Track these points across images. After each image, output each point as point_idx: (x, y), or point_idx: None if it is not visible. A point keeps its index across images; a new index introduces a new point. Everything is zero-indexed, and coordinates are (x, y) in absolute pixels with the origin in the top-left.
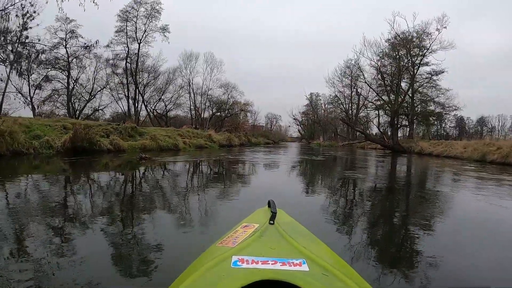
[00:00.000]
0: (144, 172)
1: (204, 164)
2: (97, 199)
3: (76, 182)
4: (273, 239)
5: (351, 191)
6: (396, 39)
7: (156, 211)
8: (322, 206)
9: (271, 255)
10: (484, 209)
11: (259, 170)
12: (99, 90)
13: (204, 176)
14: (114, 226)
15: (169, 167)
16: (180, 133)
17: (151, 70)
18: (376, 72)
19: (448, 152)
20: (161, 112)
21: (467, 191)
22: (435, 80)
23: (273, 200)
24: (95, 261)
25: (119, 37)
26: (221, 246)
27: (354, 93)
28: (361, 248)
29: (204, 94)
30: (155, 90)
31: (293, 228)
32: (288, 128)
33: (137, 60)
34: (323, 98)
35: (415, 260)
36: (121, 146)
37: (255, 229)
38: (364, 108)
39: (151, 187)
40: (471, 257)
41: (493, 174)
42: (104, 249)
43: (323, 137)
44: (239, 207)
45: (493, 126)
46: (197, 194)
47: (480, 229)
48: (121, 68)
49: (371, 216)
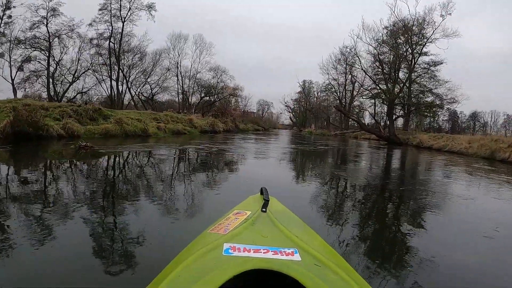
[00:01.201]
0: (60, 171)
1: (159, 156)
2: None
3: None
4: (265, 227)
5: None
6: (395, 26)
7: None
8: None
9: (263, 243)
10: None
11: (231, 167)
12: (83, 72)
13: (140, 182)
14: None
15: (104, 162)
16: (156, 116)
17: (136, 50)
18: (373, 59)
19: (451, 146)
20: (147, 95)
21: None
22: (433, 71)
23: (266, 188)
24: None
25: (102, 15)
26: (212, 233)
27: (349, 80)
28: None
29: (192, 78)
30: (141, 72)
31: (286, 216)
32: (280, 115)
33: (121, 39)
34: (316, 86)
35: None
36: (75, 131)
37: (247, 217)
38: (360, 97)
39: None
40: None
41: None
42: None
43: (315, 125)
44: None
45: (485, 122)
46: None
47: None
48: (105, 49)
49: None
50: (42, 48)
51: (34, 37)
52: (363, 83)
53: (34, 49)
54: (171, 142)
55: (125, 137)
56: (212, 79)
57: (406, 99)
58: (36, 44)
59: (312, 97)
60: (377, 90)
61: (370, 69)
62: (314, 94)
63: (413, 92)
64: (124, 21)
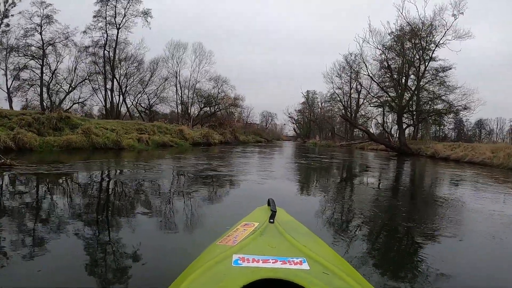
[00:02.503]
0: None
1: (103, 186)
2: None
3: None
4: (273, 238)
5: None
6: (401, 32)
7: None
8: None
9: (272, 253)
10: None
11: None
12: (80, 82)
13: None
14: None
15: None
16: (141, 127)
17: (132, 59)
18: (380, 65)
19: (471, 156)
20: (145, 106)
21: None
22: (441, 77)
23: (273, 199)
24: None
25: (97, 22)
26: (221, 245)
27: (354, 89)
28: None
29: (192, 87)
30: (138, 81)
31: (293, 227)
32: (283, 126)
33: (115, 47)
34: (320, 96)
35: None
36: (26, 143)
37: (255, 228)
38: (367, 105)
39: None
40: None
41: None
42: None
43: (319, 136)
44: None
45: (491, 129)
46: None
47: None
48: (100, 57)
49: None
50: (36, 57)
51: (28, 45)
52: (370, 90)
53: (28, 57)
54: (142, 158)
55: (93, 151)
56: (213, 89)
57: (415, 106)
58: (29, 52)
59: (316, 108)
60: (385, 98)
61: (377, 76)
62: (318, 105)
63: (422, 99)
64: (119, 28)
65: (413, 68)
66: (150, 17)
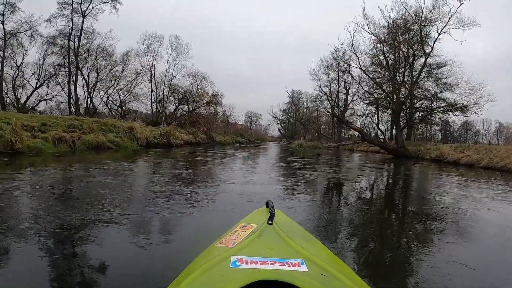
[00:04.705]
0: None
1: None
2: None
3: None
4: (272, 240)
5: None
6: (394, 25)
7: None
8: None
9: (270, 255)
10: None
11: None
12: (49, 77)
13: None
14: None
15: None
16: (75, 123)
17: (100, 49)
18: (371, 60)
19: (488, 161)
20: (117, 103)
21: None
22: (436, 74)
23: (271, 201)
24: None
25: (61, 9)
26: (220, 246)
27: (342, 86)
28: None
29: (168, 83)
30: (107, 75)
31: (291, 228)
32: (268, 126)
33: (80, 36)
34: (306, 96)
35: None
36: None
37: (253, 229)
38: (358, 103)
39: None
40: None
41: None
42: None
43: (305, 137)
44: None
45: (477, 130)
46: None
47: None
48: (65, 48)
49: None
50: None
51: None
52: (363, 84)
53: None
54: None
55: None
56: (191, 86)
57: (415, 102)
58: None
59: (302, 108)
60: (378, 94)
61: (370, 71)
62: (303, 105)
63: (421, 95)
64: (84, 16)
65: (408, 63)
66: (119, 4)
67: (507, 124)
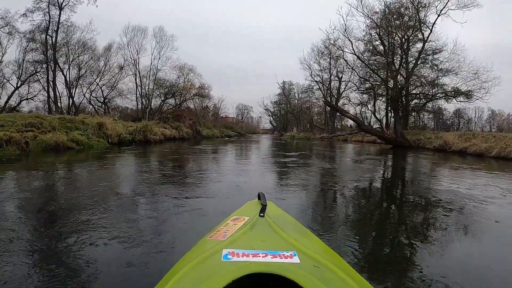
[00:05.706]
0: None
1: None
2: None
3: None
4: (264, 232)
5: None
6: (389, 7)
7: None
8: None
9: (262, 247)
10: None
11: None
12: (30, 76)
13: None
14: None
15: None
16: (31, 121)
17: (80, 43)
18: (365, 46)
19: (499, 150)
20: (101, 99)
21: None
22: (432, 60)
23: (263, 193)
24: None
25: (38, 2)
26: (211, 240)
27: (334, 75)
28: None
29: (152, 77)
30: (89, 70)
31: (284, 220)
32: (259, 119)
33: (57, 29)
34: (297, 87)
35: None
36: None
37: (245, 222)
38: (353, 90)
39: None
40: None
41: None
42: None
43: (297, 128)
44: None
45: (469, 118)
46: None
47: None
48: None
49: None
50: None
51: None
52: (356, 74)
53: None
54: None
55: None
56: (177, 79)
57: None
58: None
59: (293, 99)
60: (373, 81)
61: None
62: (295, 96)
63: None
64: (61, 8)
65: (404, 47)
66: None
67: (499, 111)
